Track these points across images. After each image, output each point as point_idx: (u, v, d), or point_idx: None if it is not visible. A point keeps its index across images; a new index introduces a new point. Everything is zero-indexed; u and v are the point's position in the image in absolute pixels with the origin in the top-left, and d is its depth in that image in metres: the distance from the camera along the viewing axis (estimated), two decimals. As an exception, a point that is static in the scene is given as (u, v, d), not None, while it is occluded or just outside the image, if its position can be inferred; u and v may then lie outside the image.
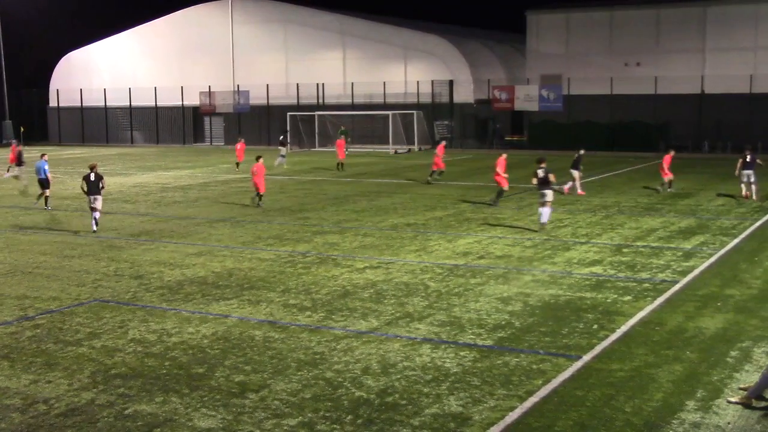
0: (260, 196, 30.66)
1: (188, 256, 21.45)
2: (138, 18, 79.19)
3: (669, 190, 33.81)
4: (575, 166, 33.56)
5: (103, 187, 25.64)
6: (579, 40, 62.72)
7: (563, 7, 64.89)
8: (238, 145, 47.77)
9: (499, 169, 30.03)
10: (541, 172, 24.56)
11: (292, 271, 19.47)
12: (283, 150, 50.41)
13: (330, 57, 69.97)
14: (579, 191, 33.16)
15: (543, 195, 24.44)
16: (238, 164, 47.02)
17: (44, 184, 31.22)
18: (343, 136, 52.20)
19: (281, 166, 48.01)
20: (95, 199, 25.41)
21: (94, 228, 25.35)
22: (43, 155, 33.02)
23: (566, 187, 32.93)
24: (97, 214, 25.53)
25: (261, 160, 31.02)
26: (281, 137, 55.73)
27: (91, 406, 11.14)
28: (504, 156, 30.94)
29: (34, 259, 21.49)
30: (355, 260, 20.70)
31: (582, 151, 34.53)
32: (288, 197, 34.01)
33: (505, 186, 30.39)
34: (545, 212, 24.56)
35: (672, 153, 34.79)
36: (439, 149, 39.02)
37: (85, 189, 25.47)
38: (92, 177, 25.52)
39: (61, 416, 10.81)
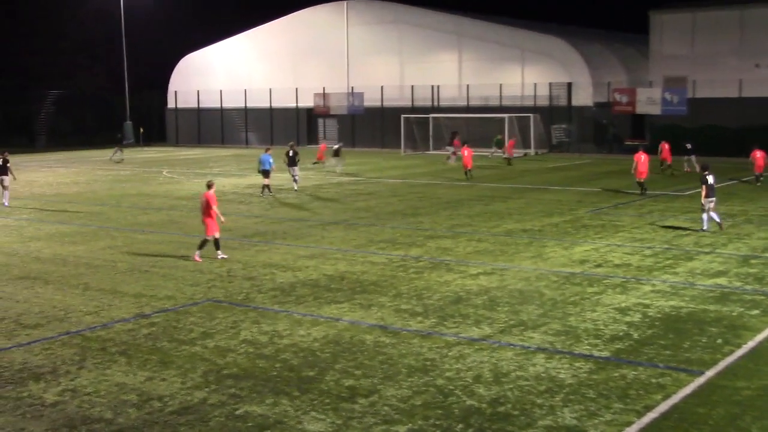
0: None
1: (300, 258, 21.80)
2: (253, 21, 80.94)
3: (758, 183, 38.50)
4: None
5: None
6: (705, 41, 60.88)
7: (689, 6, 63.10)
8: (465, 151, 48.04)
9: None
10: (711, 179, 25.45)
11: (404, 276, 19.55)
12: (450, 149, 54.81)
13: (445, 59, 69.92)
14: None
15: (712, 201, 25.55)
16: (319, 162, 50.00)
17: (266, 174, 36.04)
18: (461, 144, 52.45)
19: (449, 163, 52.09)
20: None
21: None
22: (267, 149, 38.05)
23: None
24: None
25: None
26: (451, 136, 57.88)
27: (203, 405, 11.44)
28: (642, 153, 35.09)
29: (150, 258, 22.22)
30: (468, 266, 20.63)
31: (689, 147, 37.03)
32: (401, 201, 34.17)
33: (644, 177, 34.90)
34: (715, 215, 25.64)
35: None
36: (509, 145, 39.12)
37: None
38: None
39: (174, 414, 11.14)
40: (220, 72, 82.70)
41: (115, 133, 69.78)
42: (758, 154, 40.17)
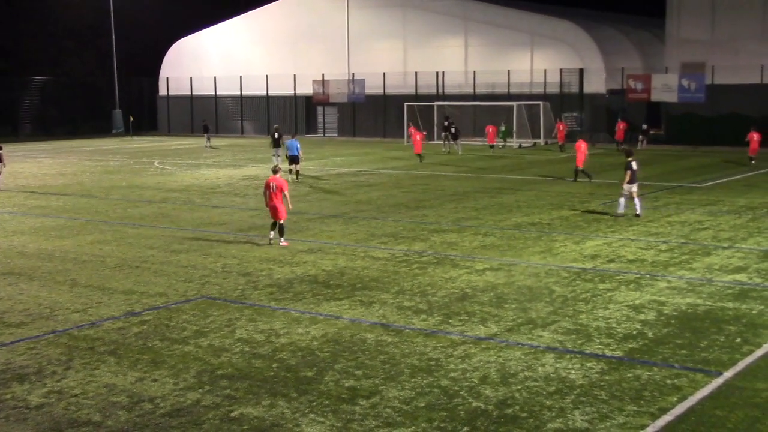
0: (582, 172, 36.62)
1: (298, 253, 21.82)
2: (250, 2, 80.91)
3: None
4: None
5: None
6: (725, 25, 60.76)
7: (708, -12, 63.00)
8: (417, 136, 49.74)
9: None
10: (634, 165, 27.01)
11: (407, 272, 19.56)
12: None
13: (451, 44, 69.86)
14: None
15: (633, 187, 27.14)
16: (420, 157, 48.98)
17: (295, 160, 38.51)
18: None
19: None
20: None
21: None
22: (294, 135, 42.26)
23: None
24: None
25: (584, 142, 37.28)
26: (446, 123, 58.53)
27: (196, 406, 11.47)
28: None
29: (141, 252, 22.25)
30: (474, 261, 20.65)
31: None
32: (404, 193, 34.19)
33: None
34: (638, 202, 27.17)
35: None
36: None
37: None
38: None
39: (166, 416, 11.16)
40: (215, 57, 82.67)
41: (104, 122, 69.80)
42: (755, 136, 42.31)
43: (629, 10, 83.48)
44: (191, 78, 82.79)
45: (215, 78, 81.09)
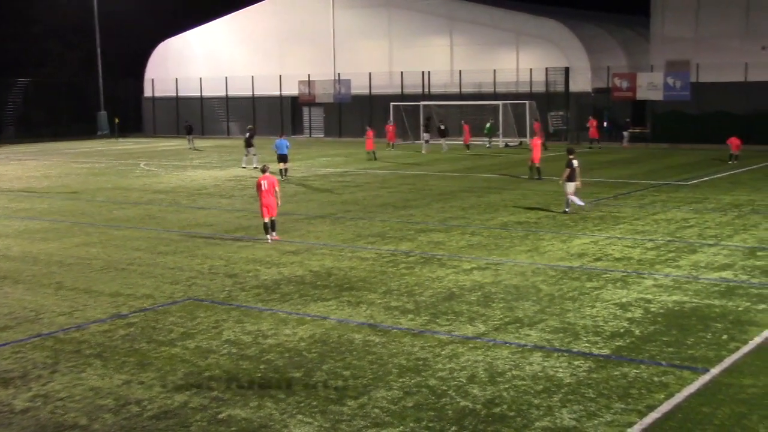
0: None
1: (285, 254, 21.80)
2: (234, 4, 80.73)
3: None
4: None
5: None
6: (710, 22, 60.95)
7: (692, -14, 63.21)
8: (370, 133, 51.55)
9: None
10: (575, 163, 27.53)
11: (395, 272, 19.57)
12: (426, 136, 57.51)
13: (436, 43, 69.90)
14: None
15: (573, 184, 27.57)
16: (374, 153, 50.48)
17: (284, 158, 39.38)
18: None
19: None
20: None
21: None
22: (281, 134, 43.67)
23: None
24: None
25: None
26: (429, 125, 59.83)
27: (184, 409, 11.44)
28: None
29: (127, 254, 22.19)
30: (461, 260, 20.67)
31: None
32: (390, 192, 34.19)
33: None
34: (576, 199, 27.66)
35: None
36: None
37: None
38: None
39: (153, 419, 11.13)
40: (200, 58, 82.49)
41: (89, 124, 69.59)
42: (736, 141, 44.50)
43: (614, 9, 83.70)
44: (177, 79, 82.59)
45: (201, 79, 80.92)
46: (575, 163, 27.58)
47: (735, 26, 60.02)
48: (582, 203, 27.73)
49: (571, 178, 27.49)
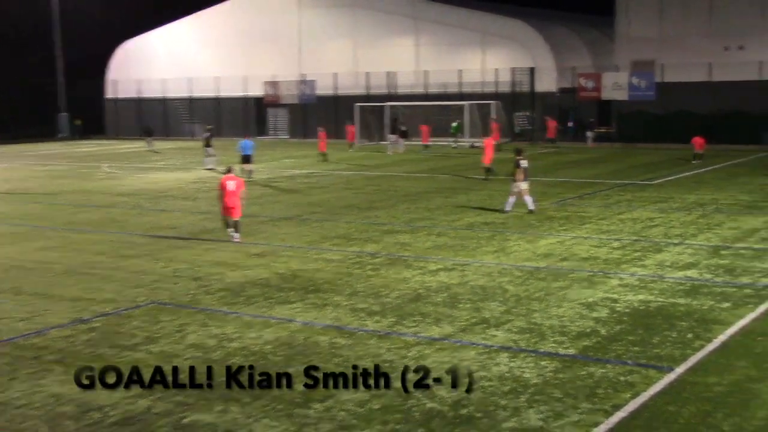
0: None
1: (250, 257, 21.70)
2: (198, 3, 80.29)
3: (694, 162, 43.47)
4: None
5: None
6: (674, 23, 61.53)
7: (656, -14, 63.75)
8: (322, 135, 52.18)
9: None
10: (524, 164, 27.78)
11: (360, 273, 19.54)
12: (392, 137, 57.95)
13: (402, 43, 69.97)
14: None
15: (524, 185, 27.91)
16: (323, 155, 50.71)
17: (248, 159, 40.17)
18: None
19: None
20: None
21: None
22: (246, 135, 46.15)
23: None
24: None
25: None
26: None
27: (147, 414, 11.34)
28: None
29: (89, 258, 21.98)
30: (427, 261, 20.68)
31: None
32: (355, 194, 34.16)
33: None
34: (529, 200, 27.85)
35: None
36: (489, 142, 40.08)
37: None
38: None
39: (116, 425, 11.03)
40: (163, 59, 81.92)
41: (49, 126, 68.92)
42: (699, 140, 45.23)
43: (580, 9, 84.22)
44: (139, 80, 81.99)
45: (164, 80, 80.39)
46: (524, 163, 27.76)
47: (698, 26, 60.63)
48: (533, 207, 27.79)
49: (522, 179, 27.68)
